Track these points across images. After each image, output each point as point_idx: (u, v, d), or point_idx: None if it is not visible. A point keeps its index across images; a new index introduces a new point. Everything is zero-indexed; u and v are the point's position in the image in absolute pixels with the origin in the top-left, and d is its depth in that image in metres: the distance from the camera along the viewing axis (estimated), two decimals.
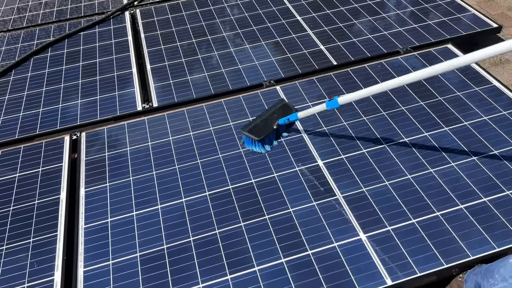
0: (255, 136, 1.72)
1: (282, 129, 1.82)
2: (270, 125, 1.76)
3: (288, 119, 1.73)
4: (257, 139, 1.72)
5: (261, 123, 1.76)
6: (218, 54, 2.34)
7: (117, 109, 2.03)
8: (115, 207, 1.59)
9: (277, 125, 1.76)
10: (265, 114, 1.80)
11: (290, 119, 1.73)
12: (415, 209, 1.49)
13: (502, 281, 1.15)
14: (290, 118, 1.73)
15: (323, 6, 2.65)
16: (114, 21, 2.69)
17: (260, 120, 1.77)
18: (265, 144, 1.76)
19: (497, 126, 1.76)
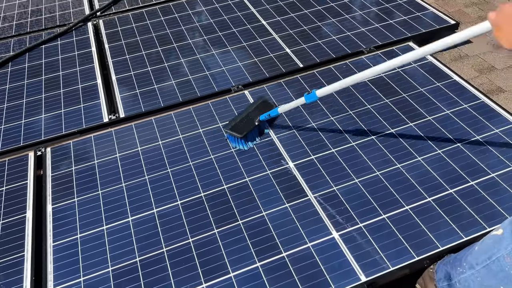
0: (237, 133, 1.74)
1: (264, 125, 1.85)
2: (252, 121, 1.80)
3: (269, 114, 1.76)
4: (239, 136, 1.74)
5: (242, 120, 1.79)
6: (184, 61, 2.33)
7: (83, 122, 1.98)
8: (84, 222, 1.55)
9: (259, 121, 1.80)
10: (246, 111, 1.83)
11: (271, 114, 1.76)
12: (385, 204, 1.52)
13: (469, 269, 1.18)
14: (270, 113, 1.76)
15: (287, 10, 2.68)
16: (77, 32, 2.64)
17: (241, 118, 1.80)
18: (248, 141, 1.78)
19: (459, 119, 1.81)
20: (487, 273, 1.13)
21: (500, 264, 1.08)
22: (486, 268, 1.12)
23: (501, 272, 1.09)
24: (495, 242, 1.10)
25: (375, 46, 2.27)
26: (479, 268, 1.15)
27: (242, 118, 1.80)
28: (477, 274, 1.16)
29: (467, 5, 2.83)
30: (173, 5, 2.82)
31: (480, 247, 1.17)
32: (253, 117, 1.81)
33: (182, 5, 2.81)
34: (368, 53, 2.23)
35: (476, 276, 1.16)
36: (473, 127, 1.77)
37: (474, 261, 1.16)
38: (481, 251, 1.15)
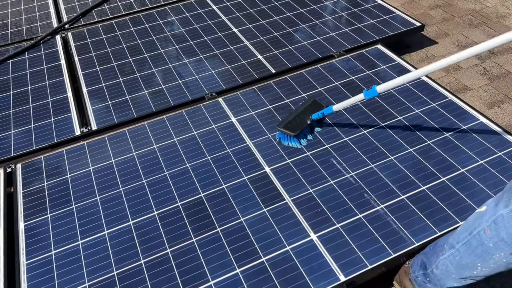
0: (290, 131, 1.78)
1: (315, 124, 1.87)
2: (304, 120, 1.83)
3: (323, 113, 1.79)
4: (292, 135, 1.77)
5: (295, 119, 1.83)
6: (157, 71, 2.31)
7: (54, 136, 1.94)
8: (58, 238, 1.51)
9: (311, 120, 1.83)
10: (298, 110, 1.87)
11: (324, 113, 1.78)
12: (360, 204, 1.54)
13: (450, 249, 1.17)
14: (324, 112, 1.78)
15: (258, 17, 2.71)
16: (45, 46, 2.59)
17: (294, 117, 1.84)
18: (301, 139, 1.80)
19: (428, 118, 1.86)
20: (467, 249, 1.11)
21: (480, 237, 1.07)
22: (466, 244, 1.11)
23: (480, 247, 1.08)
24: (477, 218, 1.10)
25: (344, 50, 2.32)
26: (459, 246, 1.14)
27: (294, 117, 1.84)
28: (457, 253, 1.15)
29: (431, 8, 2.93)
30: (143, 16, 2.80)
31: (462, 227, 1.16)
32: (305, 116, 1.84)
33: (152, 15, 2.80)
34: (338, 57, 2.27)
35: (455, 256, 1.15)
36: (442, 125, 1.82)
37: (455, 240, 1.15)
38: (463, 229, 1.14)
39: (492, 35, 2.60)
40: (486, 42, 1.19)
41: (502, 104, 2.13)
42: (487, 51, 2.46)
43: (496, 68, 2.35)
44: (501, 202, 1.03)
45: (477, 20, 2.75)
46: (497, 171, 1.61)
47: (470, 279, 1.17)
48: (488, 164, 1.64)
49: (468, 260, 1.12)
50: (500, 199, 1.05)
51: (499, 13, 2.80)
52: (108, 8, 2.92)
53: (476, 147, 1.71)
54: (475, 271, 1.12)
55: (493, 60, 2.41)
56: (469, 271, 1.14)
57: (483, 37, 2.59)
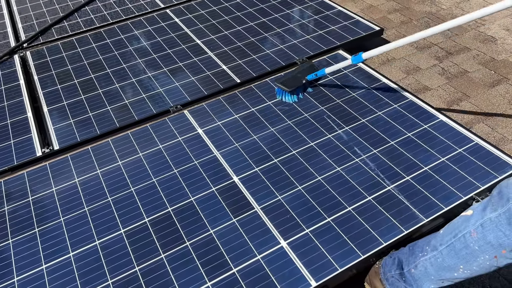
0: (286, 87, 2.02)
1: (308, 85, 2.11)
2: (300, 79, 2.07)
3: (316, 74, 2.03)
4: (288, 90, 2.02)
5: (292, 78, 2.08)
6: (120, 86, 2.28)
7: (14, 158, 1.88)
8: (21, 264, 1.46)
9: (306, 80, 2.07)
10: (296, 71, 2.12)
11: (318, 74, 2.03)
12: (329, 208, 1.55)
13: (432, 251, 1.17)
14: (317, 73, 2.03)
15: (220, 28, 2.71)
16: (2, 66, 2.52)
17: (292, 76, 2.09)
18: (294, 95, 2.04)
19: (391, 119, 1.90)
20: (449, 252, 1.12)
21: (465, 240, 1.08)
22: (450, 246, 1.12)
23: (464, 249, 1.09)
24: (463, 221, 1.11)
25: (307, 57, 2.35)
26: (442, 248, 1.14)
27: (292, 76, 2.09)
28: (439, 255, 1.15)
29: (389, 12, 3.01)
30: (105, 31, 2.77)
31: (446, 229, 1.16)
32: (302, 76, 2.08)
33: (113, 30, 2.77)
34: (301, 63, 2.30)
35: (437, 257, 1.16)
36: (403, 125, 1.86)
37: (438, 243, 1.16)
38: (447, 231, 1.15)
39: (448, 36, 2.69)
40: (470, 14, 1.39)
41: (460, 102, 2.20)
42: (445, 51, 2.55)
43: (454, 68, 2.43)
44: (489, 206, 1.06)
45: (433, 22, 2.85)
46: (459, 167, 1.66)
47: (449, 281, 1.18)
48: (450, 161, 1.69)
49: (450, 262, 1.13)
50: (488, 203, 1.07)
51: (454, 15, 2.91)
52: (68, 25, 2.87)
53: (438, 145, 1.76)
54: (456, 273, 1.13)
55: (451, 59, 2.49)
56: (450, 273, 1.15)
57: (440, 38, 2.68)
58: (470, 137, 1.77)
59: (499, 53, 2.50)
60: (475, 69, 2.40)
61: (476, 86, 2.28)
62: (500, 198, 1.03)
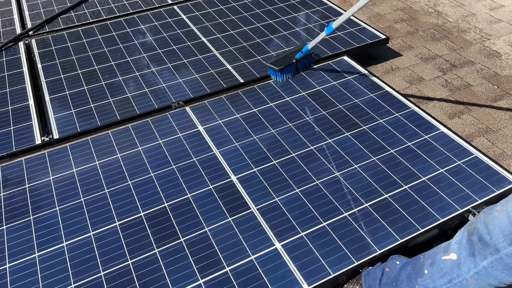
0: (275, 66, 2.15)
1: (301, 64, 2.24)
2: (289, 59, 2.19)
3: (301, 51, 2.15)
4: (276, 69, 2.15)
5: (282, 58, 2.20)
6: (123, 79, 2.28)
7: (13, 145, 1.88)
8: (14, 250, 1.45)
9: (295, 59, 2.18)
10: (287, 52, 2.23)
11: (302, 51, 2.15)
12: (325, 212, 1.55)
13: None
14: (302, 50, 2.15)
15: (227, 27, 2.72)
16: (7, 52, 2.51)
17: (283, 56, 2.21)
18: (284, 74, 2.18)
19: (392, 128, 1.90)
20: None
21: (463, 285, 1.11)
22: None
23: None
24: (453, 267, 1.12)
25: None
26: None
27: (283, 57, 2.20)
28: None
29: (396, 21, 3.02)
30: (111, 24, 2.77)
31: (434, 272, 1.17)
32: (291, 56, 2.19)
33: (120, 23, 2.77)
34: None
35: None
36: (404, 135, 1.86)
37: (430, 285, 1.17)
38: (437, 275, 1.16)
39: (453, 49, 2.70)
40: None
41: (462, 115, 2.20)
42: (449, 64, 2.55)
43: (457, 80, 2.43)
44: (477, 254, 1.06)
45: (439, 34, 2.85)
46: (457, 180, 1.66)
47: None
48: (448, 173, 1.69)
49: None
50: (473, 251, 1.07)
51: (460, 28, 2.91)
52: (74, 16, 2.87)
53: (437, 156, 1.76)
54: None
55: (454, 72, 2.50)
56: None
57: (445, 50, 2.68)
58: (470, 150, 1.77)
59: (503, 68, 2.51)
60: (478, 83, 2.40)
61: (478, 100, 2.29)
62: (485, 245, 1.05)
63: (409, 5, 3.21)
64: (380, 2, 3.27)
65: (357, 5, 1.79)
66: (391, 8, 3.18)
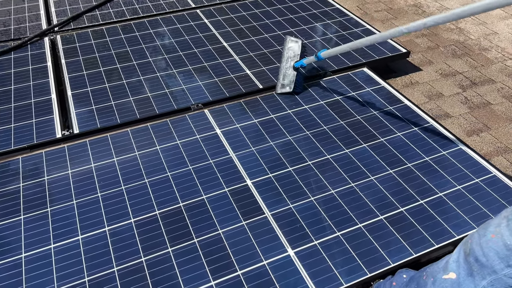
0: None
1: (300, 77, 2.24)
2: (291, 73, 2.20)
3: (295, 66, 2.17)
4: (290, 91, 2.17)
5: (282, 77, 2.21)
6: (144, 79, 2.31)
7: (34, 137, 1.91)
8: (30, 241, 1.47)
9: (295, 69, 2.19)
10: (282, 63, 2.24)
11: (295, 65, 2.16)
12: (340, 222, 1.55)
13: None
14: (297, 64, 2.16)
15: (248, 33, 2.74)
16: (32, 47, 2.57)
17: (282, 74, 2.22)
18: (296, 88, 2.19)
19: (409, 141, 1.89)
20: None
21: None
22: None
23: None
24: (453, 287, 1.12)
25: (331, 71, 2.36)
26: None
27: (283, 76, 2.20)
28: None
29: (417, 36, 3.01)
30: (135, 24, 2.81)
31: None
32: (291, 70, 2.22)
33: (143, 24, 2.81)
34: (324, 76, 2.31)
35: None
36: (422, 149, 1.85)
37: None
38: None
39: (474, 66, 2.68)
40: None
41: (481, 133, 2.18)
42: (470, 81, 2.54)
43: (477, 98, 2.42)
44: (476, 275, 1.06)
45: (460, 51, 2.84)
46: (474, 197, 1.64)
47: None
48: (466, 190, 1.67)
49: None
50: (471, 271, 1.07)
51: (482, 46, 2.90)
52: (99, 14, 2.92)
53: (455, 172, 1.75)
54: None
55: (474, 90, 2.48)
56: None
57: (465, 67, 2.67)
58: (488, 168, 1.76)
59: None
60: (499, 102, 2.38)
61: (498, 119, 2.27)
62: (482, 266, 1.05)
63: None
64: (402, 16, 3.27)
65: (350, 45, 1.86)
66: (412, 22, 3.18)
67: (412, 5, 3.43)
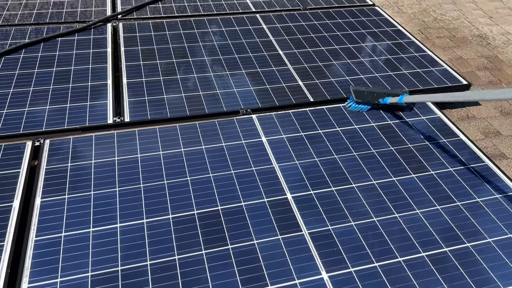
0: (356, 95, 2.14)
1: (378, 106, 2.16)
2: (373, 98, 2.15)
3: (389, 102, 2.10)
4: (354, 99, 2.13)
5: (369, 92, 2.16)
6: (197, 76, 2.33)
7: (87, 119, 1.96)
8: (71, 221, 1.51)
9: (378, 103, 2.14)
10: (380, 90, 2.20)
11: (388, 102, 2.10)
12: (378, 252, 1.49)
13: None
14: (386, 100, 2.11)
15: (305, 44, 2.72)
16: (95, 31, 2.65)
17: (371, 91, 2.17)
18: (358, 107, 2.14)
19: (461, 178, 1.81)
20: None
21: None
22: None
23: None
24: None
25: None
26: None
27: (371, 92, 2.16)
28: None
29: (479, 68, 2.89)
30: (194, 21, 2.85)
31: None
32: (377, 97, 2.15)
33: (203, 22, 2.85)
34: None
35: None
36: (474, 189, 1.76)
37: None
38: None
39: None
40: None
41: None
42: None
43: None
44: None
45: None
46: None
47: None
48: None
49: None
50: None
51: None
52: (162, 7, 2.99)
53: (508, 219, 1.65)
54: None
55: None
56: None
57: None
58: None
59: None
60: None
61: None
62: None
63: (495, 54, 3.07)
64: (465, 45, 3.15)
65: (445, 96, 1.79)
66: (475, 53, 3.06)
67: (477, 36, 3.30)
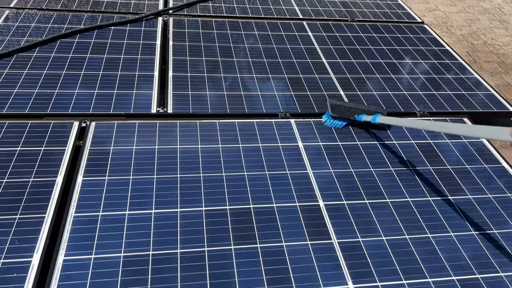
0: (332, 110, 2.05)
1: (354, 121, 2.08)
2: (350, 114, 2.06)
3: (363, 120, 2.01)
4: (330, 113, 2.05)
5: (346, 107, 2.08)
6: (240, 76, 2.37)
7: (131, 107, 2.03)
8: (109, 202, 1.56)
9: (353, 119, 2.06)
10: (358, 106, 2.11)
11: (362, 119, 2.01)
12: (408, 270, 1.47)
13: None
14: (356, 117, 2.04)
15: (349, 54, 2.71)
16: (146, 23, 2.74)
17: (349, 106, 2.09)
18: (333, 121, 2.07)
19: (500, 206, 1.76)
20: None
21: None
22: None
23: None
24: None
25: (428, 111, 2.26)
26: None
27: (348, 107, 2.08)
28: None
29: None
30: (242, 23, 2.90)
31: None
32: (354, 113, 2.07)
33: (250, 24, 2.89)
34: (420, 116, 2.22)
35: None
36: None
37: None
38: None
39: None
40: None
41: None
42: None
43: None
44: None
45: None
46: None
47: None
48: None
49: None
50: None
51: None
52: (211, 6, 3.05)
53: None
54: None
55: None
56: None
57: None
58: None
59: None
60: None
61: None
62: None
63: None
64: None
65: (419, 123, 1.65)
66: None
67: None
